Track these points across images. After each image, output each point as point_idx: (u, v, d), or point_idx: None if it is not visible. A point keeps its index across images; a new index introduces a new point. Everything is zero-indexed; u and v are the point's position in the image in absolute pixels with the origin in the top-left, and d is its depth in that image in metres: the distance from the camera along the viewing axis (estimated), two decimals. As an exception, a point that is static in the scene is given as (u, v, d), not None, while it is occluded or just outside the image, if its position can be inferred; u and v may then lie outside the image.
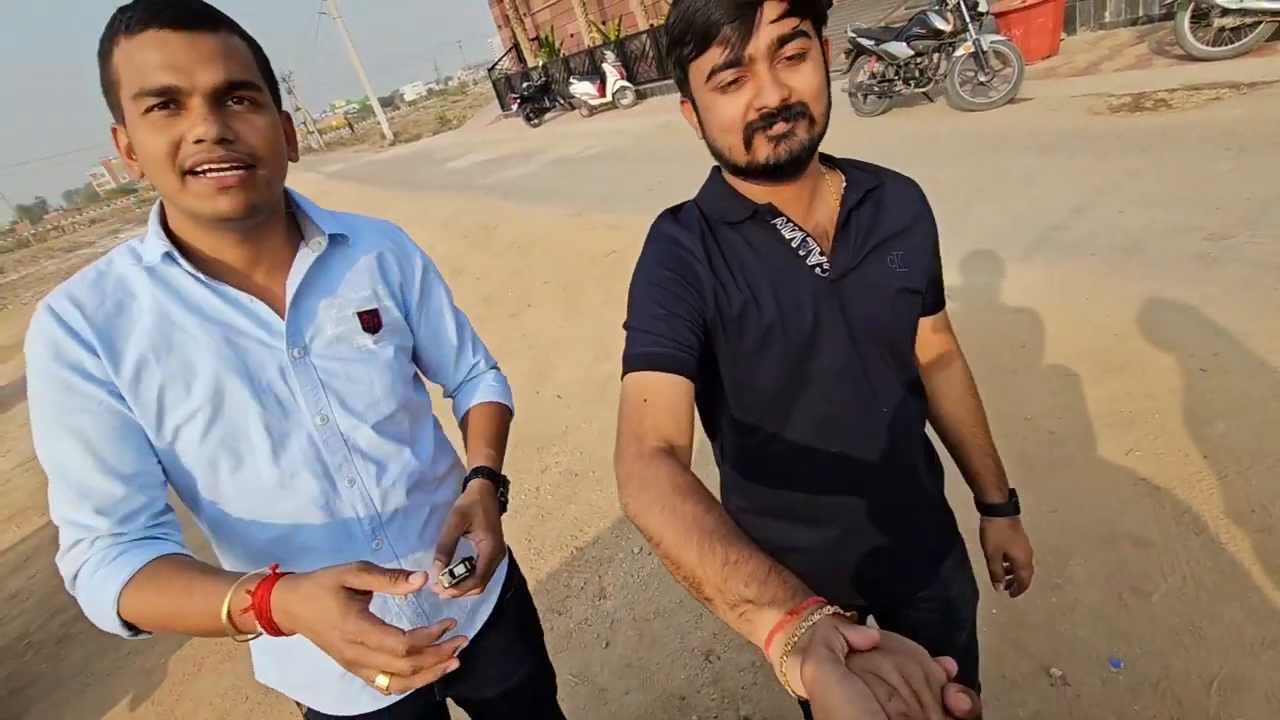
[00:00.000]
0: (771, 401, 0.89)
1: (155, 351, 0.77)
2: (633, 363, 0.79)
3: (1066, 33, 7.25)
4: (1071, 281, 3.16)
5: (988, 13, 6.34)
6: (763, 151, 0.76)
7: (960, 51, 5.94)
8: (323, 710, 0.98)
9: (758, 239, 0.84)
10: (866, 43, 6.66)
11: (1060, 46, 7.00)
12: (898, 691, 0.41)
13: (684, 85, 0.81)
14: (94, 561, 0.74)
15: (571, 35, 19.04)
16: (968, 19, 5.92)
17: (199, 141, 0.70)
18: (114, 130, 0.77)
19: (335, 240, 0.90)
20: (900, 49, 6.43)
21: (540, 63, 18.54)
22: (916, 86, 6.58)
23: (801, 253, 0.84)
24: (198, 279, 0.79)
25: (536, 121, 16.14)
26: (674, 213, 0.90)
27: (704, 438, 0.99)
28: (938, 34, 6.23)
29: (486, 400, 1.09)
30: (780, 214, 0.84)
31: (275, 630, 0.67)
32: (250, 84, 0.74)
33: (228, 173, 0.73)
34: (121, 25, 0.70)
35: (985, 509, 1.10)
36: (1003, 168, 4.66)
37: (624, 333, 0.83)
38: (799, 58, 0.73)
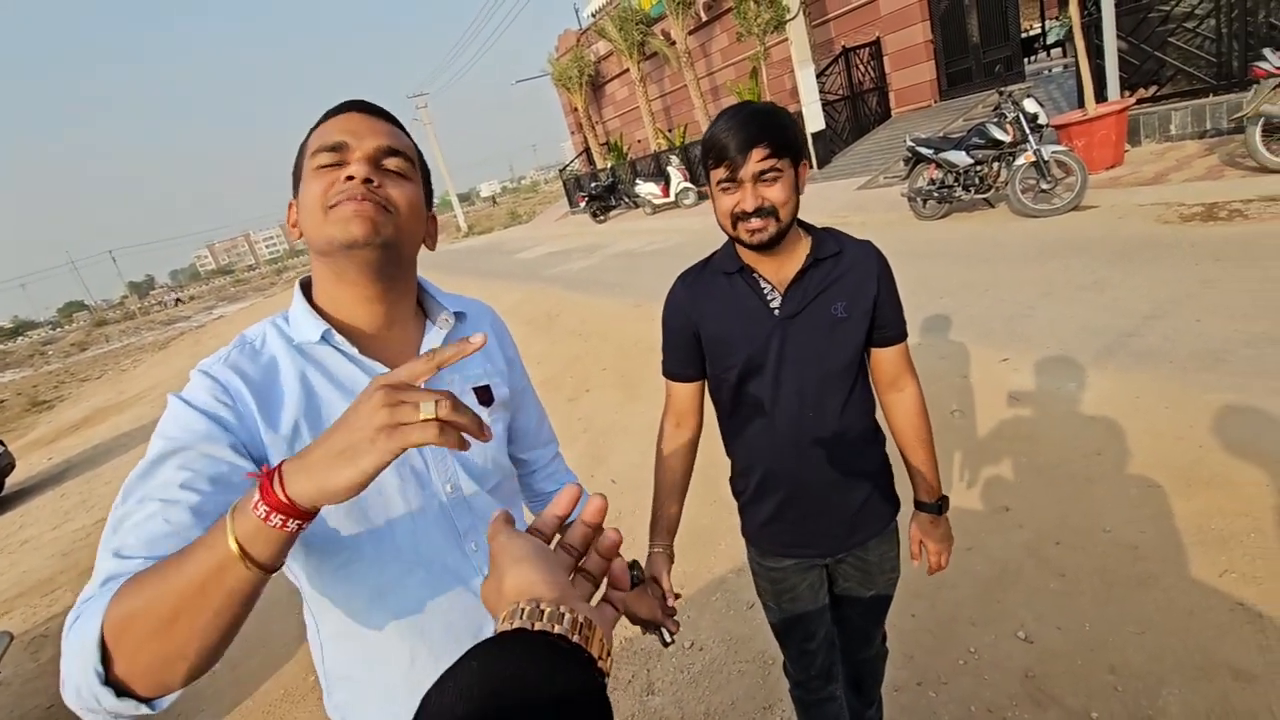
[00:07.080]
0: (732, 400, 1.32)
1: (307, 420, 0.79)
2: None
3: (1131, 144, 7.30)
4: (1148, 390, 3.05)
5: (1047, 125, 6.48)
6: (745, 236, 1.17)
7: (1021, 161, 6.04)
8: None
9: (739, 285, 1.26)
10: (925, 151, 6.86)
11: (1125, 157, 7.03)
12: None
13: (707, 179, 1.21)
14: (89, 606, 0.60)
15: (639, 140, 20.32)
16: (1027, 131, 6.07)
17: (349, 179, 0.78)
18: (290, 205, 0.87)
19: (456, 318, 0.97)
20: (960, 157, 6.59)
21: (609, 164, 19.76)
22: (977, 193, 6.69)
23: (768, 297, 1.24)
24: (347, 356, 0.84)
25: (602, 218, 17.01)
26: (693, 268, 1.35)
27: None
28: (997, 144, 6.38)
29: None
30: (755, 271, 1.25)
31: (295, 510, 0.55)
32: (405, 154, 0.84)
33: (363, 201, 0.78)
34: (327, 115, 0.84)
35: (916, 504, 1.41)
36: (1069, 272, 4.62)
37: None
38: (773, 179, 1.13)
